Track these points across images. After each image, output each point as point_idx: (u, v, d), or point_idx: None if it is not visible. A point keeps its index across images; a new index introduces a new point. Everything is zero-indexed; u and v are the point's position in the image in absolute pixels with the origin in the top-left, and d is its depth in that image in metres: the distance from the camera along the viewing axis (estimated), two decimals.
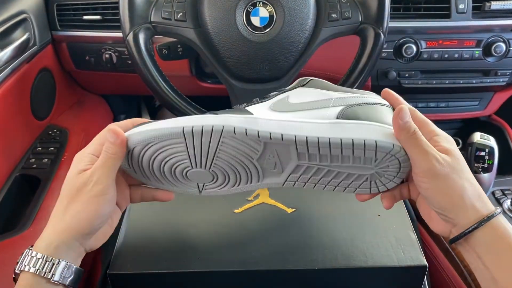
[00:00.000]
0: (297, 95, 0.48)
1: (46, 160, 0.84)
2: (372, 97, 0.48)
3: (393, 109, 0.47)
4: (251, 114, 0.45)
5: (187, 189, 0.51)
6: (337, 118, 0.45)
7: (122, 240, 0.54)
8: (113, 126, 0.46)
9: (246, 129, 0.43)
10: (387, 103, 0.48)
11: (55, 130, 0.94)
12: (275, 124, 0.44)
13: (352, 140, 0.42)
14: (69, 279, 0.43)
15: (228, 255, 0.52)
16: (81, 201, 0.44)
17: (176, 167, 0.47)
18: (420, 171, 0.43)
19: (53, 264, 0.42)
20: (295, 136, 0.43)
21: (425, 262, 0.51)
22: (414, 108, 0.48)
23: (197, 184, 0.50)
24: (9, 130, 0.80)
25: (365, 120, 0.45)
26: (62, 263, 0.43)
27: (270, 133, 0.43)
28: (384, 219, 0.57)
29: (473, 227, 0.42)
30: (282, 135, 0.43)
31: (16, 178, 0.80)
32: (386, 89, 0.50)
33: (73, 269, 0.44)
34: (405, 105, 0.45)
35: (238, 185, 0.50)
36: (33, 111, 0.88)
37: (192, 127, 0.43)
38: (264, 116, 0.45)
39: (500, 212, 0.43)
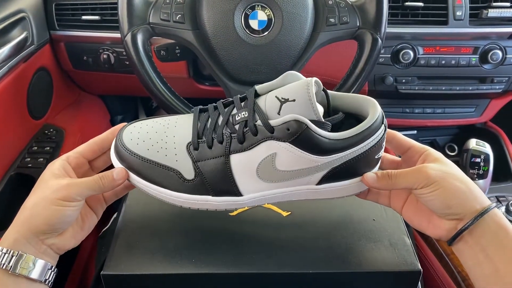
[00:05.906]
0: (284, 156, 0.45)
1: (41, 159, 0.84)
2: (362, 145, 0.45)
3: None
4: (239, 191, 0.48)
5: None
6: (320, 183, 0.48)
7: (117, 241, 0.54)
8: (120, 169, 0.49)
9: (226, 209, 0.50)
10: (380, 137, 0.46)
11: (51, 130, 0.94)
12: (257, 201, 0.49)
13: None
14: (30, 272, 0.44)
15: (223, 257, 0.52)
16: (45, 199, 0.45)
17: None
18: (420, 187, 0.45)
19: (12, 256, 0.43)
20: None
21: (419, 267, 0.51)
22: (395, 132, 0.51)
23: None
24: (5, 129, 0.80)
25: (345, 179, 0.49)
26: (21, 255, 0.43)
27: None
28: (378, 224, 0.57)
29: (485, 211, 0.43)
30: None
31: (11, 177, 0.79)
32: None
33: (35, 262, 0.44)
34: (368, 173, 0.48)
35: None
36: (30, 110, 0.88)
37: (181, 206, 0.50)
38: (249, 194, 0.49)
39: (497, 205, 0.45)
